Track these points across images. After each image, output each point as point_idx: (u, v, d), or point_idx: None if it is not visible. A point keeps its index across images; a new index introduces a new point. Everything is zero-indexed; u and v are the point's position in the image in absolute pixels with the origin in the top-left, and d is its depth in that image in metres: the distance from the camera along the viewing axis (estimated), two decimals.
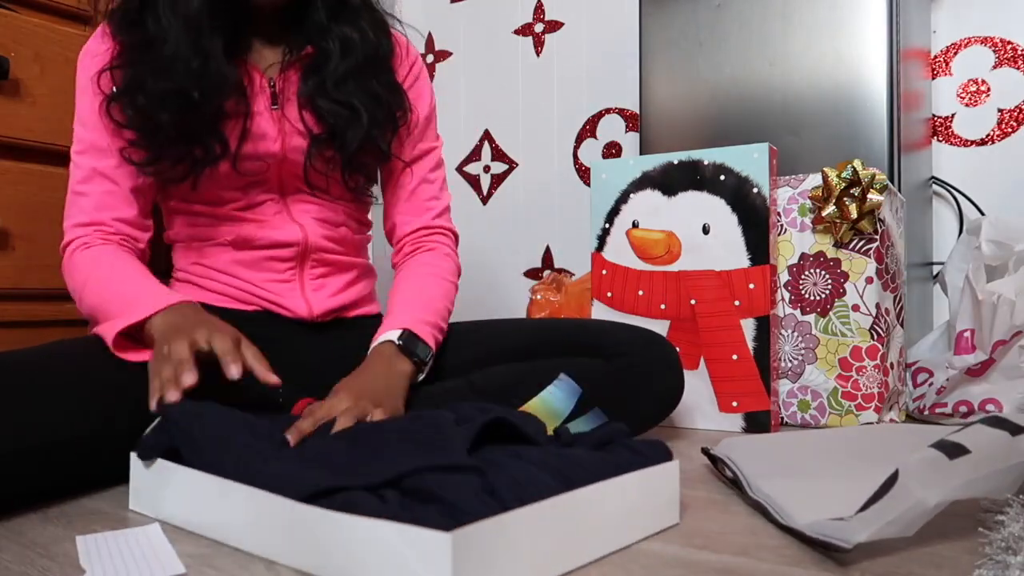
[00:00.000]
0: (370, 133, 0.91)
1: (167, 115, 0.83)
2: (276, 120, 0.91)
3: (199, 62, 0.83)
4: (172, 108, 0.83)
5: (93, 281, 0.84)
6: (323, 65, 0.91)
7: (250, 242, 0.93)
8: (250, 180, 0.92)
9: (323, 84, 0.90)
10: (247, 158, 0.90)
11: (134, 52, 0.85)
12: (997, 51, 1.49)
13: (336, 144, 0.91)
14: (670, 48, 1.46)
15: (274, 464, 0.56)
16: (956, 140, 1.53)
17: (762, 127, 1.36)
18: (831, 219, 1.11)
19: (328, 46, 0.90)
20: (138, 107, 0.83)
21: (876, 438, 0.85)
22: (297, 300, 0.95)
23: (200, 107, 0.84)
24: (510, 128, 2.06)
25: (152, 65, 0.83)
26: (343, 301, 0.99)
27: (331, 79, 0.90)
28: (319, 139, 0.91)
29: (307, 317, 0.95)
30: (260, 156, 0.91)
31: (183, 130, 0.84)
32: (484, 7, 2.08)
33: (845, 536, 0.49)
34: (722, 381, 1.12)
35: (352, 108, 0.90)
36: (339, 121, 0.90)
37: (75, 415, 0.70)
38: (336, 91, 0.90)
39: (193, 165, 0.87)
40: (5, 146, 1.19)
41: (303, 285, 0.96)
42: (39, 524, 0.63)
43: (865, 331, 1.10)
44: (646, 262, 1.19)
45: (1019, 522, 0.52)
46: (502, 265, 2.04)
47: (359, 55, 0.91)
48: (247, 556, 0.54)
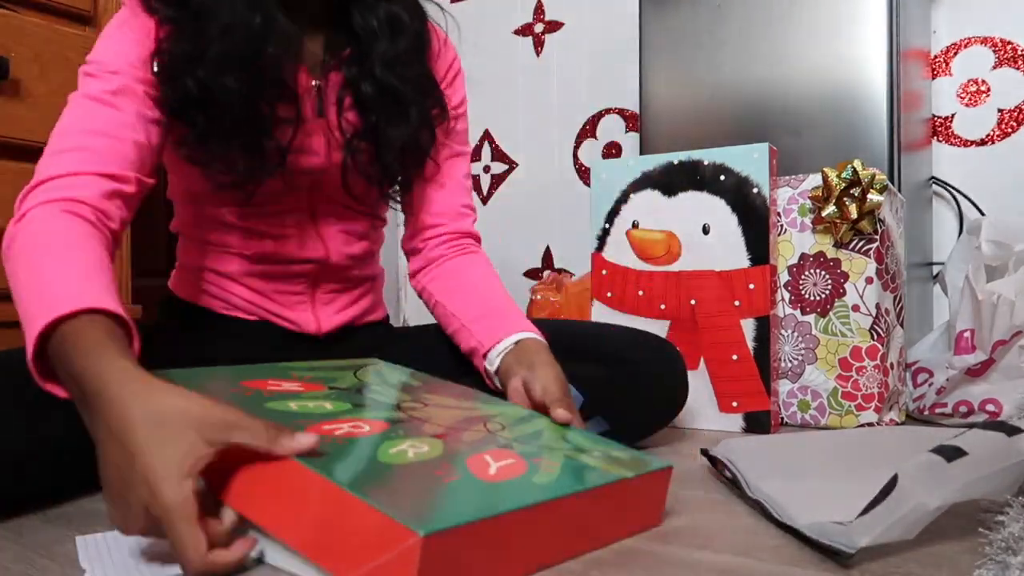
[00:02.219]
0: (416, 131, 0.86)
1: (232, 79, 0.74)
2: (322, 130, 0.85)
3: (260, 20, 0.75)
4: (237, 71, 0.74)
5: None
6: (369, 47, 0.83)
7: (269, 258, 0.88)
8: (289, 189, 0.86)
9: (370, 68, 0.83)
10: (294, 172, 0.84)
11: (186, 26, 0.75)
12: (997, 51, 1.49)
13: (377, 145, 0.85)
14: (670, 48, 1.46)
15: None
16: (956, 140, 1.53)
17: (762, 127, 1.36)
18: (831, 219, 1.11)
19: (374, 23, 0.83)
20: (198, 79, 0.74)
21: (875, 440, 0.85)
22: (307, 316, 0.91)
23: (266, 70, 0.76)
24: (510, 128, 2.06)
25: (211, 32, 0.74)
26: (352, 315, 0.96)
27: (379, 62, 0.83)
28: (356, 140, 0.84)
29: (315, 332, 0.91)
30: (306, 171, 0.85)
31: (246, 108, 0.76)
32: (484, 7, 2.08)
33: (848, 540, 0.50)
34: (722, 381, 1.12)
35: (399, 98, 0.84)
36: (382, 117, 0.84)
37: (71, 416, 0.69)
38: (384, 75, 0.83)
39: (247, 171, 0.78)
40: (5, 146, 1.19)
41: (314, 301, 0.92)
42: (39, 524, 0.63)
43: (865, 331, 1.10)
44: (646, 262, 1.19)
45: (1019, 522, 0.52)
46: (502, 265, 2.03)
47: (409, 36, 0.85)
48: None
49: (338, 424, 0.57)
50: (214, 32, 0.74)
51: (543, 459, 0.58)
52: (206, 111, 0.75)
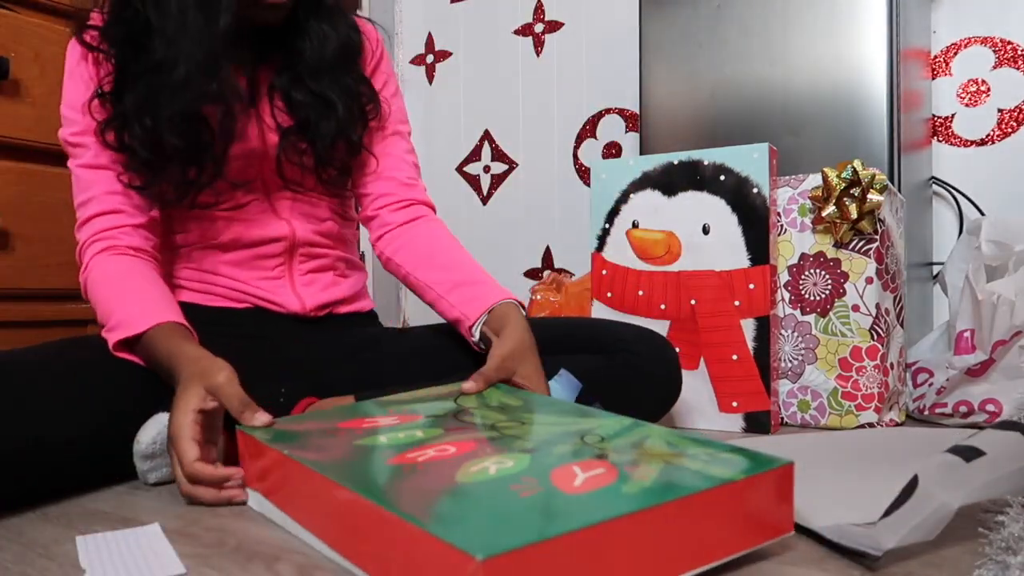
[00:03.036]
0: (343, 126, 0.92)
1: (176, 138, 0.82)
2: (253, 118, 0.92)
3: (215, 85, 0.82)
4: (183, 130, 0.82)
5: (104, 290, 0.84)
6: (298, 59, 0.91)
7: (238, 242, 0.94)
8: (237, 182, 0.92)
9: (299, 77, 0.90)
10: (232, 159, 0.89)
11: (139, 75, 0.82)
12: (997, 51, 1.49)
13: (309, 136, 0.91)
14: (670, 48, 1.46)
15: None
16: (956, 140, 1.53)
17: (762, 127, 1.36)
18: (831, 219, 1.11)
19: (304, 42, 0.91)
20: (145, 129, 0.82)
21: (877, 441, 0.85)
22: (288, 296, 0.96)
23: (210, 128, 0.84)
24: (510, 128, 2.06)
25: (163, 88, 0.81)
26: (335, 296, 1.00)
27: (307, 72, 0.90)
28: (291, 131, 0.91)
29: (300, 312, 0.96)
30: (243, 156, 0.91)
31: (188, 153, 0.84)
32: (484, 7, 2.08)
33: (874, 544, 0.50)
34: (722, 381, 1.12)
35: (327, 101, 0.91)
36: (312, 114, 0.91)
37: (71, 417, 0.70)
38: (312, 83, 0.90)
39: (188, 187, 0.87)
40: (5, 146, 1.20)
41: (293, 281, 0.97)
42: (39, 524, 0.63)
43: (865, 331, 1.10)
44: (646, 262, 1.19)
45: (1019, 522, 0.51)
46: (502, 265, 2.04)
47: (334, 50, 0.92)
48: (247, 556, 0.54)
49: (423, 450, 0.56)
50: (165, 89, 0.80)
51: (639, 467, 0.51)
52: (149, 152, 0.83)
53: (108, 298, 0.82)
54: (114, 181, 0.86)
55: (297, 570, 0.51)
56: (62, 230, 0.73)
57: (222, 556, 0.54)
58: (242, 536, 0.58)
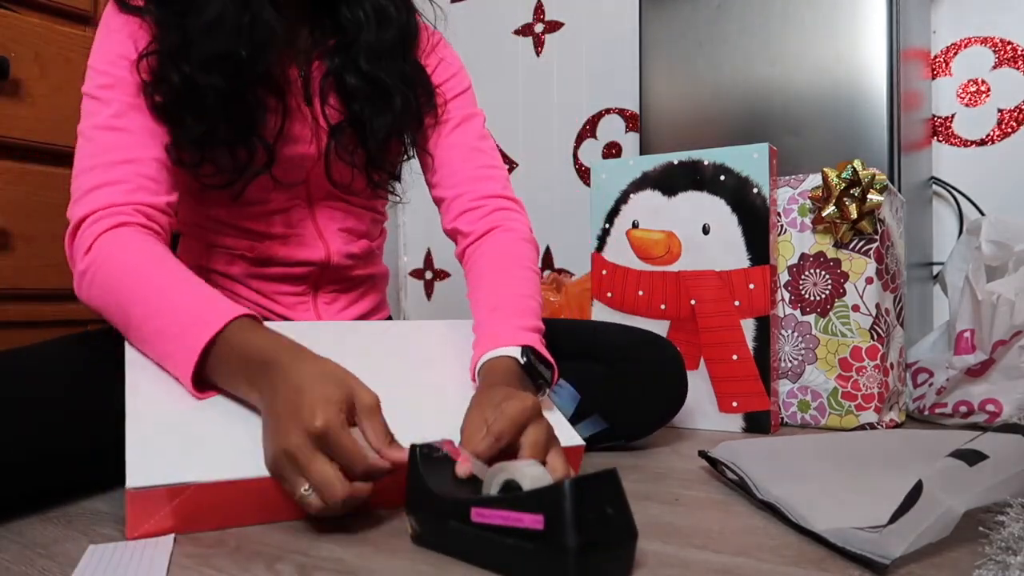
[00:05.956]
0: (400, 121, 0.85)
1: (218, 77, 0.74)
2: (308, 119, 0.86)
3: (247, 16, 0.75)
4: (222, 68, 0.75)
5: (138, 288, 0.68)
6: (355, 38, 0.83)
7: (270, 260, 0.89)
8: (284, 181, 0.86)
9: (355, 59, 0.83)
10: (285, 163, 0.84)
11: (173, 19, 0.75)
12: (997, 51, 1.49)
13: (361, 133, 0.85)
14: (670, 48, 1.46)
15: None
16: (956, 140, 1.53)
17: (762, 127, 1.36)
18: (831, 219, 1.11)
19: (360, 15, 0.83)
20: (184, 76, 0.74)
21: (877, 442, 0.85)
22: (308, 315, 0.92)
23: (252, 66, 0.76)
24: (510, 128, 2.06)
25: (197, 29, 0.74)
26: (355, 313, 0.96)
27: (364, 53, 0.83)
28: (342, 127, 0.85)
29: None
30: (296, 161, 0.85)
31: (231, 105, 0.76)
32: (484, 7, 2.08)
33: (882, 551, 0.49)
34: (722, 381, 1.12)
35: (384, 90, 0.84)
36: (367, 107, 0.84)
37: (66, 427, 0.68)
38: (369, 66, 0.83)
39: (236, 170, 0.80)
40: (5, 146, 1.20)
41: (316, 301, 0.93)
42: (39, 524, 0.63)
43: (865, 331, 1.10)
44: (646, 262, 1.19)
45: (1019, 522, 0.52)
46: None
47: (395, 28, 0.85)
48: (247, 556, 0.54)
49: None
50: (199, 29, 0.74)
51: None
52: (193, 110, 0.76)
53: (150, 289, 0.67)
54: (136, 148, 0.74)
55: (297, 570, 0.51)
56: (62, 230, 0.72)
57: (222, 556, 0.54)
58: (242, 536, 0.58)
